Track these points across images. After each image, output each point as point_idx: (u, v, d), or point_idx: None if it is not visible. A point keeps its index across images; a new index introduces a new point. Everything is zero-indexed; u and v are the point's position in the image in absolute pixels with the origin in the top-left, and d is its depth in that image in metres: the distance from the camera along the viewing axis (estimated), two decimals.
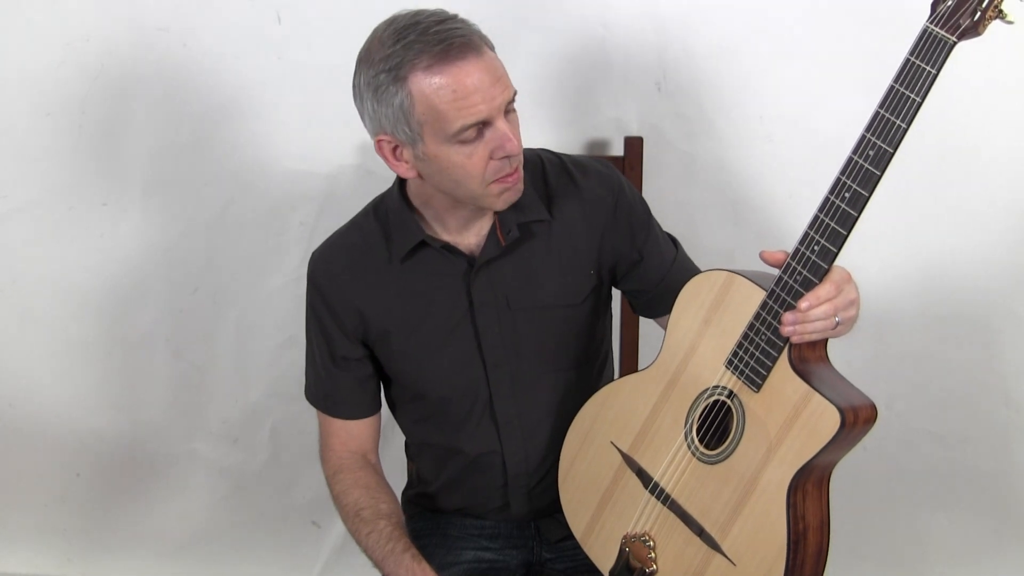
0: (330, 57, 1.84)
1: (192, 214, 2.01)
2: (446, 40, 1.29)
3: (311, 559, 2.27)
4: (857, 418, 1.25)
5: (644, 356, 1.86)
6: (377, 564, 1.51)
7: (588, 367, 1.59)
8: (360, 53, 1.36)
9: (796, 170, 1.89)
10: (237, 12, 1.87)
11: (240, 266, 2.05)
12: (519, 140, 1.37)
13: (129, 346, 2.12)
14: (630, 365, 1.87)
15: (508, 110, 1.36)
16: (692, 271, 1.58)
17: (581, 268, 1.53)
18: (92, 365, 2.13)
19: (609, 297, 1.60)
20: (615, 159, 1.83)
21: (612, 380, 1.68)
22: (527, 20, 1.84)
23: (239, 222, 2.01)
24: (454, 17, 1.33)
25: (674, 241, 1.60)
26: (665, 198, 1.86)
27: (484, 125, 1.33)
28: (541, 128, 1.89)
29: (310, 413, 1.65)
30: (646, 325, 1.78)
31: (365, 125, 1.39)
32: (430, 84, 1.30)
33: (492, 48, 1.35)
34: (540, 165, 1.53)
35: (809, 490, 1.31)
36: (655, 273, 1.56)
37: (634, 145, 1.83)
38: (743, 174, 1.91)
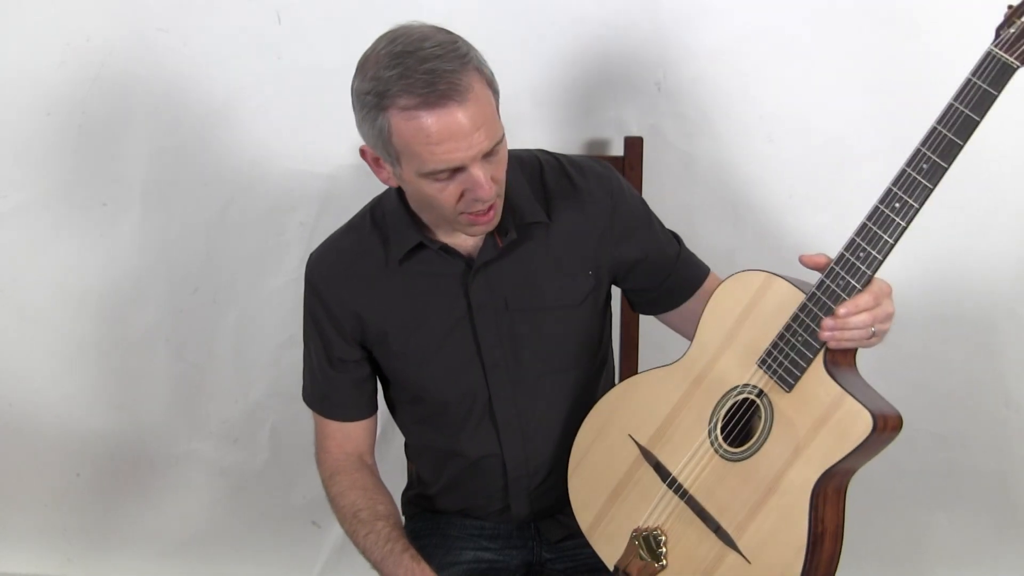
0: (330, 58, 1.84)
1: (192, 214, 2.01)
2: (432, 84, 1.26)
3: (311, 559, 2.27)
4: (886, 425, 1.27)
5: (644, 356, 1.85)
6: (375, 565, 1.50)
7: (588, 368, 1.59)
8: (360, 58, 1.35)
9: (796, 170, 1.89)
10: (237, 12, 1.87)
11: (240, 266, 2.05)
12: (500, 181, 1.37)
13: (129, 346, 2.12)
14: (630, 365, 1.87)
15: (492, 152, 1.34)
16: (696, 267, 1.59)
17: (579, 270, 1.52)
18: (92, 365, 2.13)
19: (608, 298, 1.60)
20: (615, 159, 1.83)
21: (612, 381, 1.69)
22: (528, 20, 1.84)
23: (239, 222, 2.01)
24: (455, 51, 1.29)
25: (677, 238, 1.60)
26: (665, 198, 1.86)
27: (458, 170, 1.32)
28: (541, 128, 1.89)
29: (310, 413, 1.64)
30: (646, 325, 1.78)
31: (356, 126, 1.40)
32: (408, 124, 1.29)
33: (490, 83, 1.33)
34: (538, 167, 1.53)
35: (829, 495, 1.32)
36: (660, 271, 1.56)
37: (634, 145, 1.83)
38: (743, 174, 1.91)
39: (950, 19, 1.77)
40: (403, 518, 1.70)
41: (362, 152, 1.40)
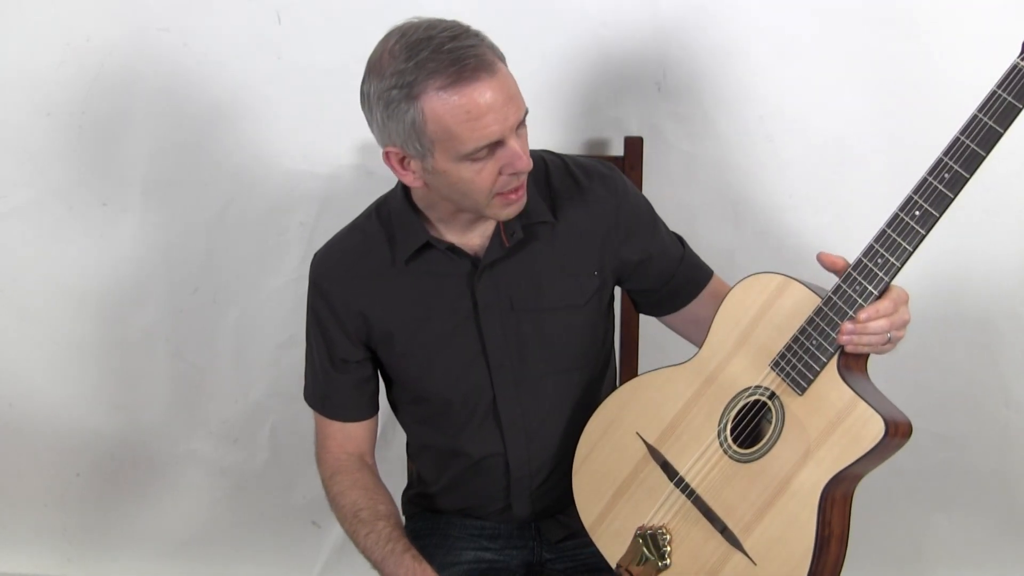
0: (330, 57, 1.85)
1: (192, 214, 2.01)
2: (460, 60, 1.28)
3: (311, 559, 2.27)
4: (897, 431, 1.28)
5: (644, 356, 1.85)
6: (376, 565, 1.50)
7: (592, 368, 1.59)
8: (370, 61, 1.35)
9: (796, 170, 1.89)
10: (237, 12, 1.87)
11: (240, 266, 2.05)
12: (528, 156, 1.37)
13: (129, 346, 2.11)
14: (630, 365, 1.87)
15: (521, 125, 1.35)
16: (700, 269, 1.60)
17: (585, 270, 1.53)
18: (92, 365, 2.13)
19: (612, 298, 1.60)
20: (615, 159, 1.83)
21: (615, 381, 1.69)
22: (528, 20, 1.84)
23: (239, 222, 2.01)
24: (467, 31, 1.32)
25: (680, 240, 1.61)
26: (665, 198, 1.86)
27: (496, 144, 1.33)
28: (541, 128, 1.88)
29: (310, 413, 1.64)
30: (646, 325, 1.78)
31: (372, 132, 1.39)
32: (443, 105, 1.29)
33: (504, 62, 1.34)
34: (543, 167, 1.53)
35: (837, 499, 1.32)
36: (664, 272, 1.57)
37: (634, 145, 1.83)
38: (743, 174, 1.91)
39: (950, 19, 1.77)
40: (403, 518, 1.70)
41: (386, 156, 1.39)
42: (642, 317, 1.79)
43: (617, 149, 1.89)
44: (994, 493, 2.07)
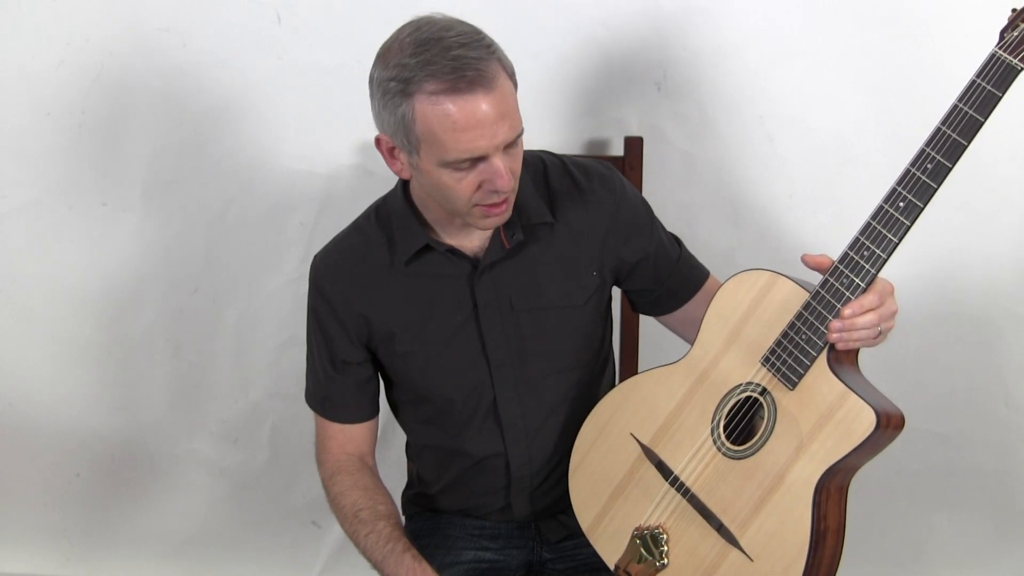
0: (330, 57, 1.85)
1: (192, 214, 2.01)
2: (459, 70, 1.27)
3: (311, 559, 2.27)
4: (889, 422, 1.28)
5: (644, 356, 1.86)
6: (376, 565, 1.50)
7: (591, 368, 1.59)
8: (381, 47, 1.35)
9: (796, 170, 1.89)
10: (237, 12, 1.87)
11: (240, 266, 2.05)
12: (517, 174, 1.37)
13: (129, 346, 2.11)
14: (630, 365, 1.87)
15: (512, 144, 1.34)
16: (697, 268, 1.60)
17: (584, 270, 1.53)
18: (91, 365, 2.13)
19: (611, 298, 1.60)
20: (615, 159, 1.83)
21: (614, 381, 1.69)
22: (527, 20, 1.84)
23: (239, 222, 2.01)
24: (480, 41, 1.31)
25: (677, 240, 1.61)
26: (665, 198, 1.86)
27: (479, 159, 1.32)
28: (541, 128, 1.89)
29: (310, 413, 1.65)
30: (646, 325, 1.78)
31: (373, 116, 1.40)
32: (433, 110, 1.29)
33: (512, 76, 1.34)
34: (542, 168, 1.53)
35: (832, 492, 1.33)
36: (661, 272, 1.57)
37: (634, 145, 1.83)
38: (743, 174, 1.91)
39: (951, 19, 1.77)
40: (403, 518, 1.70)
41: (377, 142, 1.40)
42: (642, 317, 1.79)
43: (617, 149, 1.89)
44: (994, 493, 2.08)
